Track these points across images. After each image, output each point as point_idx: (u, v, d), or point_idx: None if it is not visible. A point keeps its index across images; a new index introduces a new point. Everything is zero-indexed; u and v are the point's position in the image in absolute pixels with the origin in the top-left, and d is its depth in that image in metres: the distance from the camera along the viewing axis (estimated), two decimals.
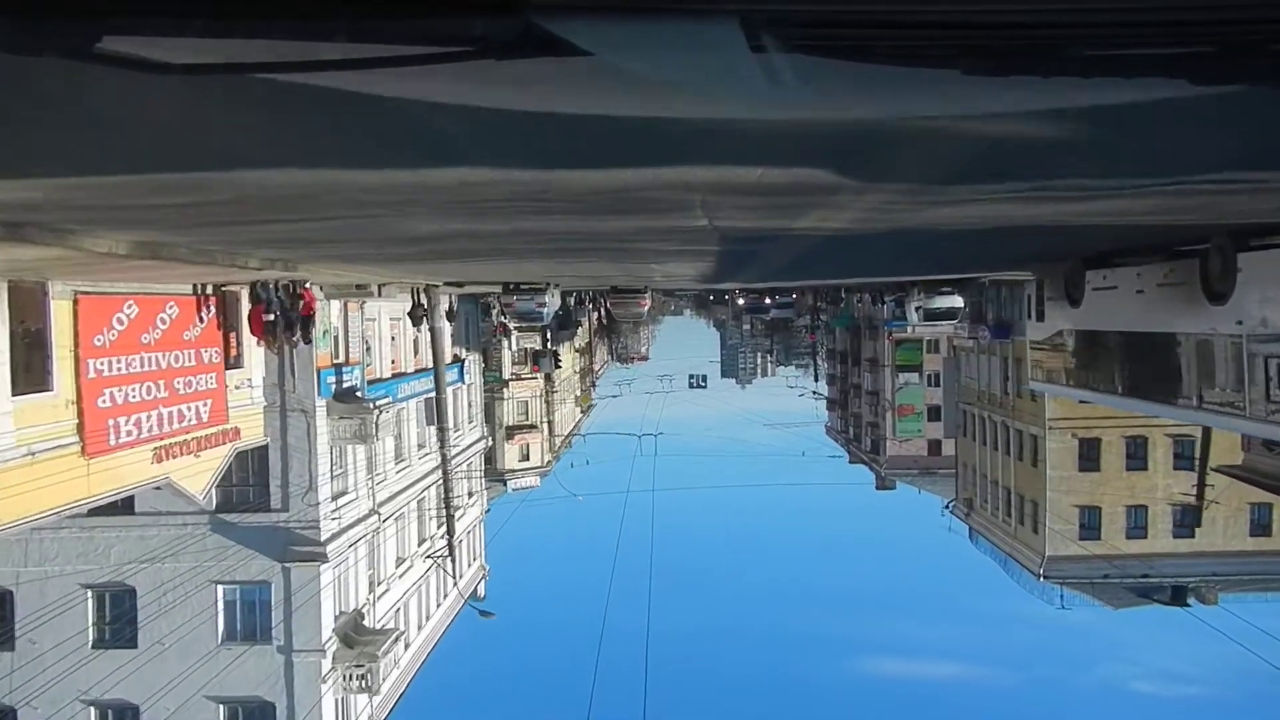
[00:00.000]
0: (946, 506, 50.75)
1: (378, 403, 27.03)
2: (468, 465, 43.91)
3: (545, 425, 55.13)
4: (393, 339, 32.60)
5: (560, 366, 52.78)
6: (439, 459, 37.98)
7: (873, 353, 72.06)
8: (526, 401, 65.29)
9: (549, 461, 70.17)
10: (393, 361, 32.98)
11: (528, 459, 65.35)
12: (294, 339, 22.33)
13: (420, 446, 36.54)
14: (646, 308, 36.65)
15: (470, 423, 44.35)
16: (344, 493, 27.32)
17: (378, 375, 30.71)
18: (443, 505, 37.25)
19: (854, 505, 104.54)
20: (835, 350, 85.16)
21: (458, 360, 41.52)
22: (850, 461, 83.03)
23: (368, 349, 29.74)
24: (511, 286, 29.38)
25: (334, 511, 26.15)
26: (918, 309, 35.57)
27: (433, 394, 38.72)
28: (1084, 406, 38.58)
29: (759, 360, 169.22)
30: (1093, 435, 38.57)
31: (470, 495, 44.30)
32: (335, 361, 26.68)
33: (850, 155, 4.94)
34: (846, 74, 2.13)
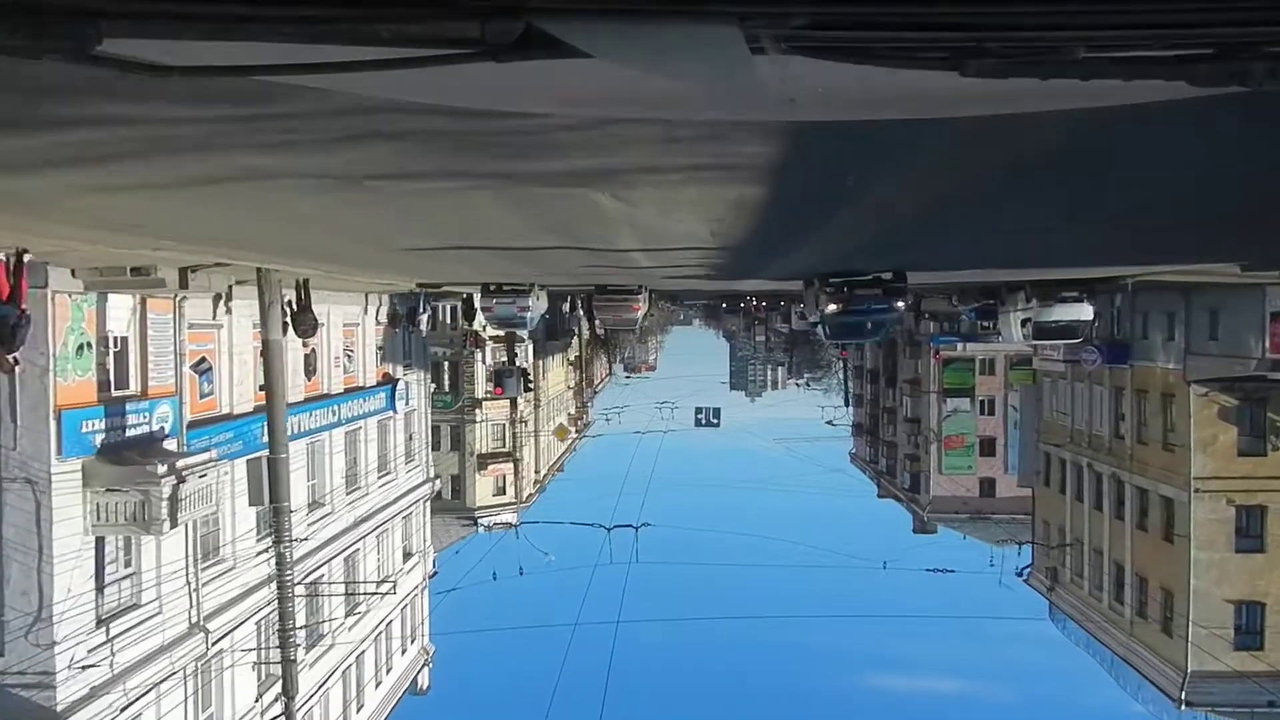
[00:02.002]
0: (1021, 573, 39.94)
1: (192, 458, 16.51)
2: (404, 518, 33.39)
3: (514, 461, 44.46)
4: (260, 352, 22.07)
5: (531, 389, 42.04)
6: (351, 515, 27.56)
7: (913, 373, 61.31)
8: (503, 425, 54.95)
9: (530, 496, 59.84)
10: (260, 388, 22.53)
11: (504, 493, 55.20)
12: (10, 360, 12.18)
13: (317, 504, 26.05)
14: (641, 313, 26.33)
15: (409, 463, 33.82)
16: (132, 607, 16.81)
17: (225, 410, 20.20)
18: (330, 605, 26.69)
19: (885, 548, 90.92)
20: (864, 368, 74.37)
21: (388, 380, 31.04)
22: (879, 495, 72.40)
23: (203, 370, 19.26)
24: (493, 288, 23.60)
25: (99, 649, 15.62)
26: (1024, 322, 24.89)
27: (346, 426, 28.42)
28: (1244, 461, 28.01)
29: (769, 373, 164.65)
30: (1255, 502, 27.84)
31: (407, 557, 33.79)
32: (113, 395, 16.19)
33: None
34: (847, 76, 2.01)
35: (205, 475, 16.56)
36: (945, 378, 57.24)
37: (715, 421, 37.67)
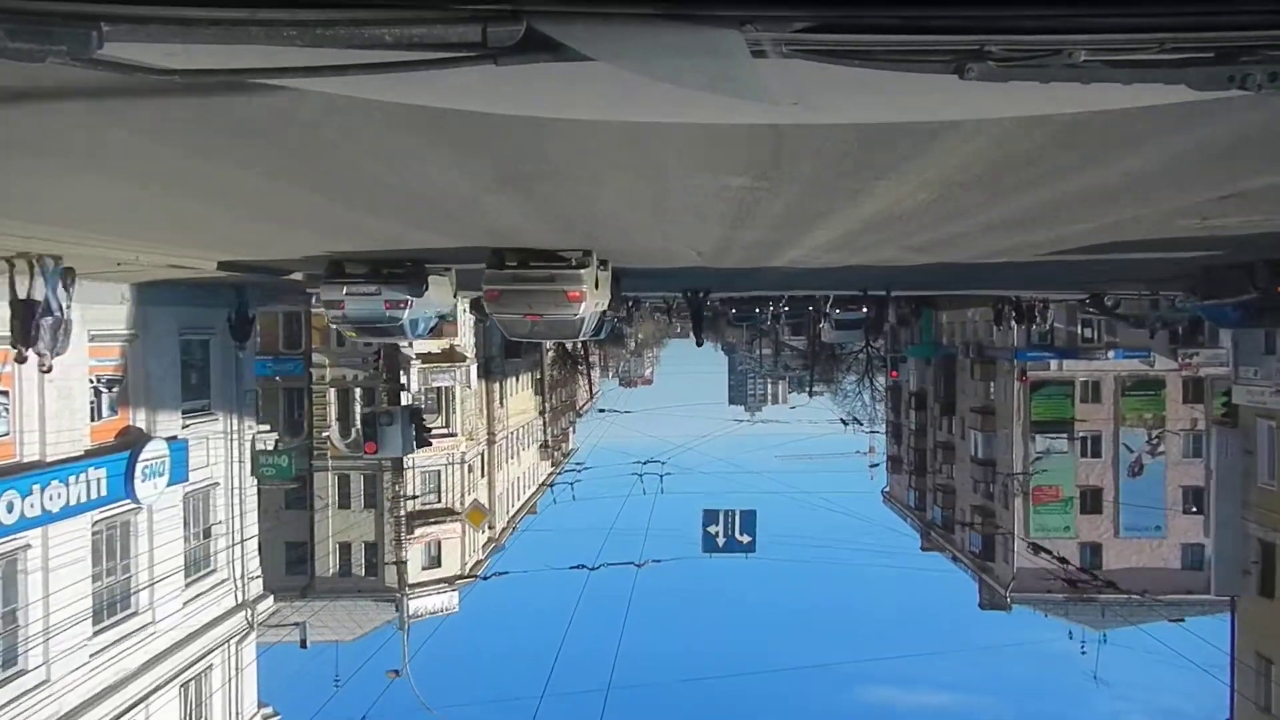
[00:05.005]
0: None
1: None
2: (184, 686, 18.63)
3: (400, 565, 29.45)
4: None
5: (430, 443, 27.06)
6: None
7: (983, 398, 46.37)
8: (438, 472, 40.33)
9: (478, 564, 45.06)
10: None
11: (439, 564, 40.73)
12: None
13: None
14: (584, 307, 11.69)
15: (203, 581, 19.04)
16: None
17: None
18: None
19: (938, 627, 73.85)
20: (907, 390, 59.53)
21: (127, 442, 16.35)
22: (923, 549, 57.51)
23: None
24: (347, 269, 13.58)
25: None
26: None
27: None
28: None
29: (769, 387, 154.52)
30: None
31: None
32: None
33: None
34: (848, 79, 2.05)
35: None
36: (1035, 407, 42.43)
37: (745, 540, 20.58)
